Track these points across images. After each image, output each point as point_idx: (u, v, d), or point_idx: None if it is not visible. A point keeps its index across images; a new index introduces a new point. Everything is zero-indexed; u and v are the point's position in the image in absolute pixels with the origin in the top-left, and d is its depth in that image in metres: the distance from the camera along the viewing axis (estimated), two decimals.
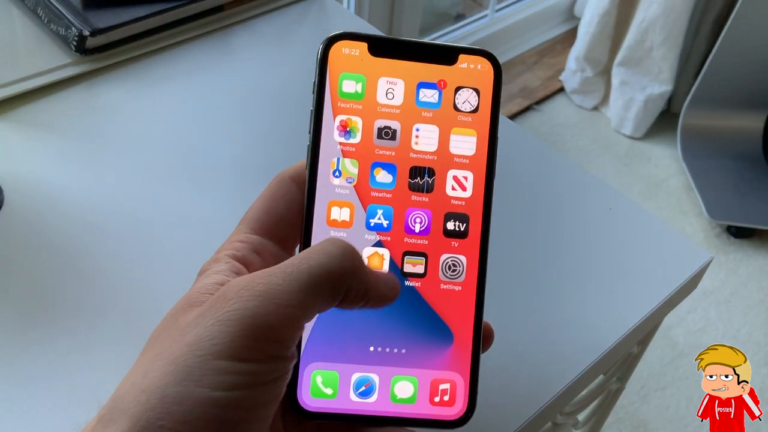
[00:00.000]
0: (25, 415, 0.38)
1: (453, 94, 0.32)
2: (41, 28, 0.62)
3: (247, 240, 0.30)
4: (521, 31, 1.98)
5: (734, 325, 1.43)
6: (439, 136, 0.32)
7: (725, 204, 1.60)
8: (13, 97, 0.56)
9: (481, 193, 0.32)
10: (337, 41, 0.32)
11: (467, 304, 0.32)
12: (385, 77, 0.32)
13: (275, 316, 0.24)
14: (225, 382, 0.23)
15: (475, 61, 0.33)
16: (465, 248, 0.32)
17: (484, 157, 0.32)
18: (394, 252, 0.32)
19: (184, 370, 0.23)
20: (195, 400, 0.23)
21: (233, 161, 0.54)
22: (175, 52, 0.62)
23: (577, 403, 0.54)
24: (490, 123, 0.33)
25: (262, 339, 0.24)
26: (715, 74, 1.61)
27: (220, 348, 0.23)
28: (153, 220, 0.49)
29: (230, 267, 0.29)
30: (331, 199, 0.31)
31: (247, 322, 0.24)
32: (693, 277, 0.50)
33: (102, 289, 0.45)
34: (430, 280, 0.32)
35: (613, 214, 0.53)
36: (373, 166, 0.32)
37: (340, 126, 0.32)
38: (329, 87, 0.32)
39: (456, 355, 0.31)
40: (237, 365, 0.23)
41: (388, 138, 0.32)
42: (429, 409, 0.31)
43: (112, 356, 0.40)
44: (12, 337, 0.42)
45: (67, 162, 0.52)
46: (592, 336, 0.45)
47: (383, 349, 0.31)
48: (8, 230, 0.47)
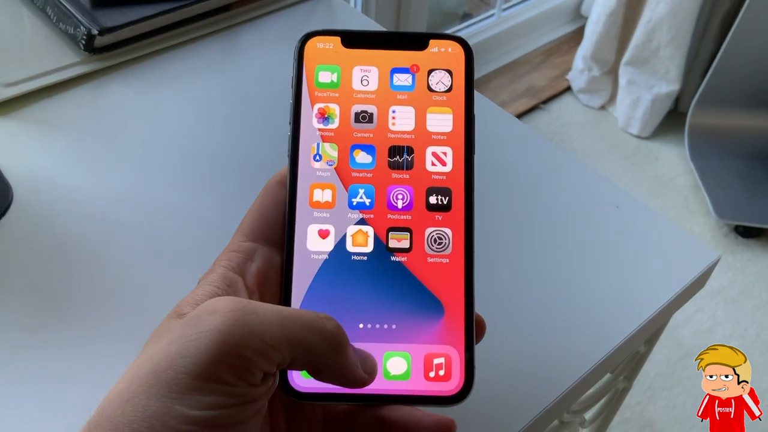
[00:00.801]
0: (32, 413, 0.39)
1: (426, 76, 0.34)
2: (50, 27, 0.62)
3: (239, 249, 0.31)
4: (528, 31, 1.98)
5: (742, 324, 1.43)
6: (416, 116, 0.34)
7: (733, 203, 1.59)
8: (22, 96, 0.56)
9: (462, 167, 0.33)
10: (312, 37, 0.34)
11: (456, 277, 0.32)
12: (359, 66, 0.34)
13: (253, 351, 0.25)
14: (202, 402, 0.24)
15: (446, 45, 0.34)
16: (450, 221, 0.33)
17: (462, 133, 0.33)
18: (378, 229, 0.32)
19: (164, 386, 0.24)
20: (174, 417, 0.24)
21: (240, 159, 0.54)
22: (183, 51, 0.63)
23: (584, 402, 0.54)
24: (465, 100, 0.34)
25: (237, 368, 0.25)
26: (722, 73, 1.60)
27: (198, 368, 0.24)
28: (161, 218, 0.49)
29: (222, 278, 0.29)
30: (313, 181, 0.33)
31: (226, 350, 0.24)
32: (700, 276, 0.50)
33: (110, 287, 0.45)
34: (417, 255, 0.32)
35: (620, 212, 0.53)
36: (352, 148, 0.33)
37: (319, 113, 0.33)
38: (306, 79, 0.34)
39: (448, 328, 0.31)
40: (213, 386, 0.24)
41: (366, 121, 0.33)
42: (424, 385, 0.31)
43: (121, 355, 0.40)
44: (21, 335, 0.42)
45: (75, 160, 0.53)
46: (599, 334, 0.45)
47: (373, 325, 0.31)
48: (17, 228, 0.48)
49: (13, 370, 0.40)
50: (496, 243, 0.50)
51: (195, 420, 0.24)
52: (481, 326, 0.32)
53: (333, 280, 0.32)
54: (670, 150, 1.77)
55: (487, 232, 0.50)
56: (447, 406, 0.30)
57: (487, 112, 0.61)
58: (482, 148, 0.35)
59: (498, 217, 0.52)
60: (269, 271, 0.31)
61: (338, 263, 0.32)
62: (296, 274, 0.31)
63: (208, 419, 0.24)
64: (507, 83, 1.88)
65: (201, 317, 0.25)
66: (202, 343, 0.24)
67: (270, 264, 0.31)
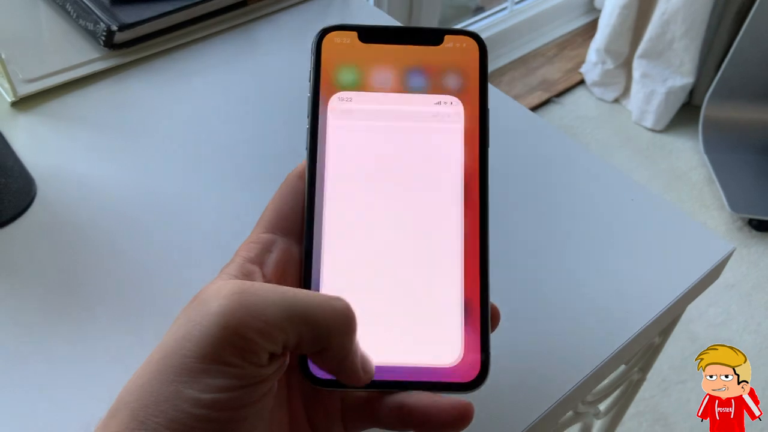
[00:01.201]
0: (55, 401, 0.40)
1: (441, 72, 0.34)
2: (70, 23, 0.63)
3: (258, 240, 0.32)
4: (541, 24, 1.98)
5: (755, 318, 1.42)
6: (431, 111, 0.34)
7: (747, 197, 1.59)
8: (43, 92, 0.57)
9: (476, 162, 0.33)
10: (330, 32, 0.34)
11: (472, 268, 0.32)
12: (376, 61, 0.34)
13: (256, 332, 0.25)
14: (210, 384, 0.25)
15: (460, 40, 0.35)
16: (465, 215, 0.33)
17: (476, 129, 0.34)
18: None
19: (173, 371, 0.25)
20: (184, 400, 0.24)
21: (259, 153, 0.55)
22: (201, 47, 0.63)
23: (599, 393, 0.55)
24: (479, 95, 0.34)
25: (240, 348, 0.25)
26: (737, 66, 1.60)
27: (203, 351, 0.25)
28: (181, 211, 0.50)
29: (239, 268, 0.30)
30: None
31: (229, 332, 0.25)
32: (715, 267, 0.50)
33: (131, 278, 0.46)
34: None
35: (634, 204, 0.53)
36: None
37: (336, 108, 0.34)
38: (323, 74, 0.34)
39: (464, 317, 0.32)
40: (219, 368, 0.25)
41: (382, 117, 0.34)
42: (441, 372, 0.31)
43: (143, 346, 0.41)
44: (43, 326, 0.43)
45: (96, 155, 0.54)
46: (614, 325, 0.46)
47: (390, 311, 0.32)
48: (41, 222, 0.49)
49: (36, 361, 0.41)
50: (513, 234, 0.50)
51: (205, 403, 0.24)
52: (496, 316, 0.32)
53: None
54: (684, 143, 1.76)
55: (503, 224, 0.50)
56: (463, 392, 0.31)
57: (500, 105, 0.61)
58: (496, 142, 0.35)
59: (514, 209, 0.52)
60: (288, 262, 0.32)
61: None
62: (315, 264, 0.32)
63: (217, 402, 0.25)
64: (520, 77, 1.88)
65: (205, 301, 0.26)
66: (205, 326, 0.25)
67: (289, 255, 0.32)
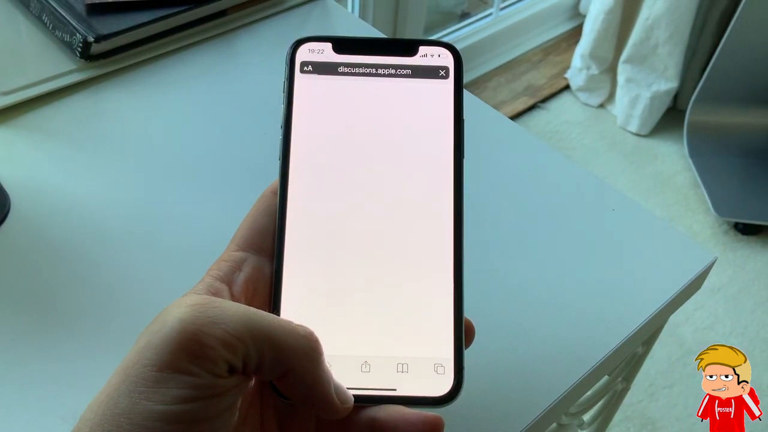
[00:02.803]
0: (30, 419, 0.39)
1: (416, 83, 0.34)
2: (46, 34, 0.62)
3: (229, 258, 0.31)
4: (526, 29, 1.98)
5: (742, 322, 1.43)
6: (405, 122, 0.34)
7: (732, 201, 1.59)
8: (18, 104, 0.56)
9: (451, 171, 0.33)
10: (303, 43, 0.35)
11: (445, 281, 0.32)
12: (350, 72, 0.34)
13: (215, 339, 0.25)
14: (167, 395, 0.24)
15: (435, 51, 0.35)
16: (439, 226, 0.33)
17: (451, 139, 0.34)
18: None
19: (132, 382, 0.24)
20: (141, 414, 0.24)
21: (238, 165, 0.54)
22: (179, 57, 0.63)
23: (582, 404, 0.54)
24: (454, 106, 0.34)
25: (198, 356, 0.25)
26: (721, 71, 1.60)
27: (160, 358, 0.24)
28: (158, 225, 0.49)
29: (206, 287, 0.30)
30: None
31: (187, 337, 0.25)
32: (697, 277, 0.50)
33: (107, 295, 0.45)
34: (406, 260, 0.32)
35: (616, 214, 0.53)
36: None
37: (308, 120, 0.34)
38: (297, 85, 0.34)
39: (438, 331, 0.31)
40: (177, 377, 0.24)
41: (356, 127, 0.34)
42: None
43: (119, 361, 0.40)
44: (18, 342, 0.42)
45: (72, 168, 0.53)
46: (595, 337, 0.45)
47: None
48: (15, 236, 0.48)
49: (11, 377, 0.40)
50: (491, 246, 0.50)
51: (161, 415, 0.24)
52: (470, 331, 0.32)
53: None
54: (669, 147, 1.77)
55: (481, 235, 0.50)
56: (436, 407, 0.30)
57: (481, 114, 0.61)
58: (474, 151, 0.35)
59: (492, 220, 0.52)
60: (259, 281, 0.31)
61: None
62: (285, 285, 0.31)
63: (174, 414, 0.24)
64: (506, 82, 1.88)
65: (166, 311, 0.26)
66: (165, 332, 0.25)
67: (260, 273, 0.31)
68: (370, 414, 0.30)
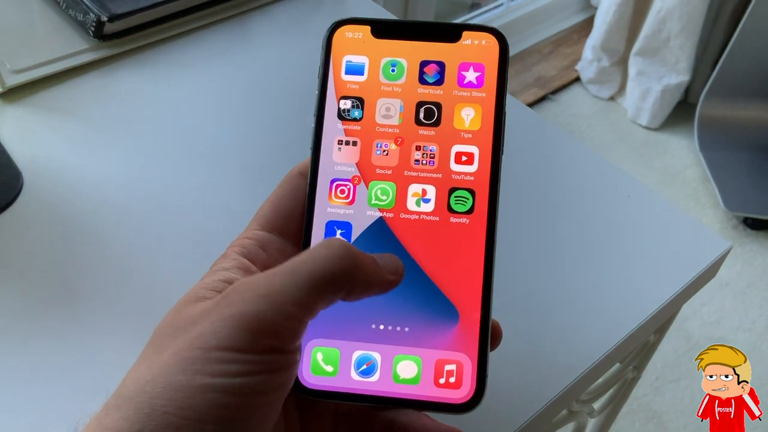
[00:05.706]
0: (42, 397, 0.39)
1: (456, 71, 0.32)
2: (59, 14, 0.62)
3: (254, 237, 0.31)
4: (537, 21, 1.97)
5: (750, 317, 1.42)
6: (443, 113, 0.32)
7: (742, 195, 1.58)
8: (31, 83, 0.56)
9: (488, 167, 0.32)
10: (341, 26, 0.33)
11: (474, 282, 0.31)
12: (388, 57, 0.33)
13: (275, 314, 0.25)
14: (225, 370, 0.24)
15: (479, 37, 0.33)
16: (471, 224, 0.32)
17: (490, 132, 0.32)
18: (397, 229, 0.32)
19: (186, 361, 0.24)
20: (196, 386, 0.24)
21: (249, 147, 0.54)
22: (193, 38, 0.62)
23: (593, 391, 0.54)
24: (495, 98, 0.33)
25: (262, 333, 0.25)
26: (733, 64, 1.59)
27: (221, 341, 0.24)
28: (170, 204, 0.49)
29: (236, 263, 0.29)
30: (334, 176, 0.32)
31: (248, 319, 0.25)
32: (712, 266, 0.49)
33: (120, 272, 0.45)
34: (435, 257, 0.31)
35: (631, 202, 0.53)
36: (376, 144, 0.32)
37: (343, 106, 0.32)
38: (333, 70, 0.33)
39: (462, 335, 0.30)
40: (237, 355, 0.24)
41: (392, 116, 0.32)
42: (434, 391, 0.30)
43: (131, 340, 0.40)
44: (31, 320, 0.42)
45: (84, 146, 0.53)
46: (609, 324, 0.45)
47: (385, 326, 0.30)
48: (28, 214, 0.48)
49: (24, 355, 0.40)
50: (506, 233, 0.49)
51: (217, 387, 0.24)
52: (497, 334, 0.31)
53: None
54: (680, 141, 1.76)
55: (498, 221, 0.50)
56: (456, 413, 0.30)
57: None
58: None
59: (508, 206, 0.51)
60: (280, 263, 0.31)
61: None
62: None
63: (230, 386, 0.24)
64: (516, 73, 1.88)
65: (220, 304, 0.26)
66: (226, 322, 0.25)
67: (283, 256, 0.31)
68: (389, 416, 0.29)
